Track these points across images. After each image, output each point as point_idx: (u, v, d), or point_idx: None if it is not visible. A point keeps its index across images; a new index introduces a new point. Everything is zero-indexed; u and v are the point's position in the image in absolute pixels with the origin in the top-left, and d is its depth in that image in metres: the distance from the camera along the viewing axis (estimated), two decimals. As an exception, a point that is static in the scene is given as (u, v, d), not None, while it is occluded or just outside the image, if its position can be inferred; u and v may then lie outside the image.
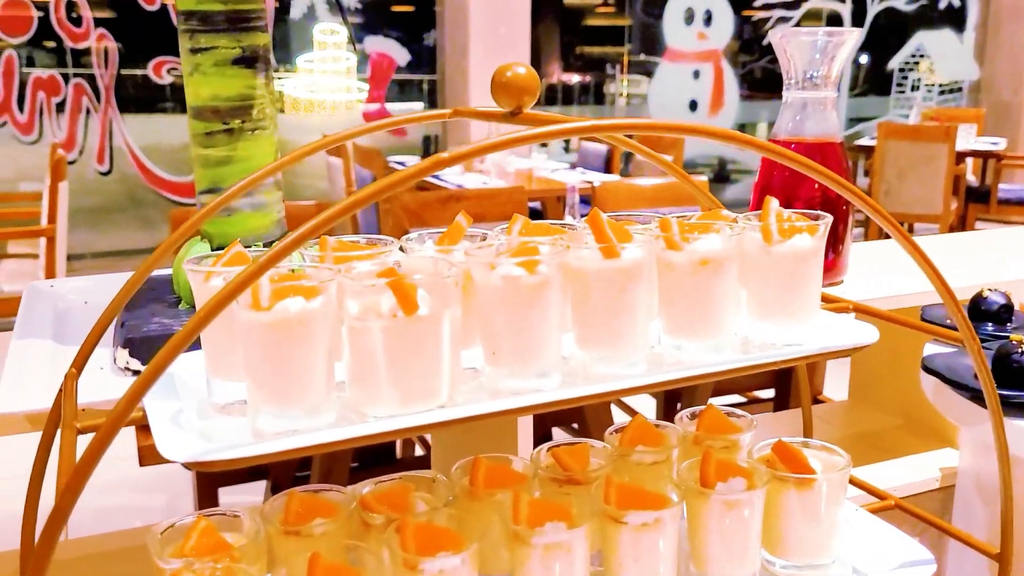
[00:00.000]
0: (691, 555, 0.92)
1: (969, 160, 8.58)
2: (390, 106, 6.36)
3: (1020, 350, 1.07)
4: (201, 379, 0.79)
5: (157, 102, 5.92)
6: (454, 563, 0.78)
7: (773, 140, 1.53)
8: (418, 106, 6.61)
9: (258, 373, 0.70)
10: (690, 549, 0.92)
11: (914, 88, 9.31)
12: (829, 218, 0.89)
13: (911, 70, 9.49)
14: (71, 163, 5.60)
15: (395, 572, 0.79)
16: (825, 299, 0.97)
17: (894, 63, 9.59)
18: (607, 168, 5.64)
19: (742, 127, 9.93)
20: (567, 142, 7.19)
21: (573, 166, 5.65)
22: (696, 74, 8.55)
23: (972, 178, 8.70)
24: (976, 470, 1.55)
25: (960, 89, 9.71)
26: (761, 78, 8.88)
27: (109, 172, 5.70)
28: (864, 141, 8.58)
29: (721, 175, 9.94)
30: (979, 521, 1.55)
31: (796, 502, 0.92)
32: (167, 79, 5.70)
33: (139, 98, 5.76)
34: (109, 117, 5.61)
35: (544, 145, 6.62)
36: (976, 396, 1.10)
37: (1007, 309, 1.28)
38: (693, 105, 8.66)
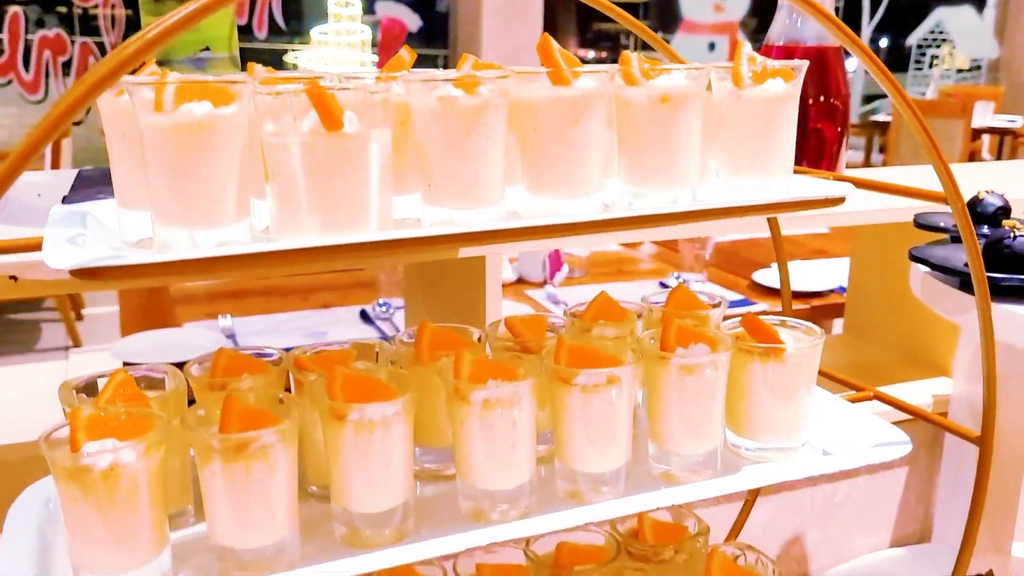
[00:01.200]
0: (648, 430, 0.86)
1: (985, 137, 8.45)
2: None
3: (1012, 235, 1.00)
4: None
5: (162, 63, 5.87)
6: (384, 412, 0.72)
7: (767, 45, 1.46)
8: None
9: (161, 188, 0.64)
10: (648, 424, 0.86)
11: (932, 65, 9.14)
12: (805, 63, 0.82)
13: (929, 47, 9.32)
14: (76, 124, 5.56)
15: (322, 423, 0.74)
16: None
17: (912, 40, 9.43)
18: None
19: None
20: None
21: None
22: (711, 46, 8.43)
23: (988, 156, 8.58)
24: (968, 396, 1.49)
25: (979, 67, 9.54)
26: (776, 52, 8.75)
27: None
28: (880, 117, 8.45)
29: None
30: (971, 445, 1.48)
31: (763, 376, 0.86)
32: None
33: (145, 60, 5.71)
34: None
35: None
36: (965, 283, 1.03)
37: (1004, 211, 1.20)
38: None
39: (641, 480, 0.84)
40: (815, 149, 1.39)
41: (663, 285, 3.61)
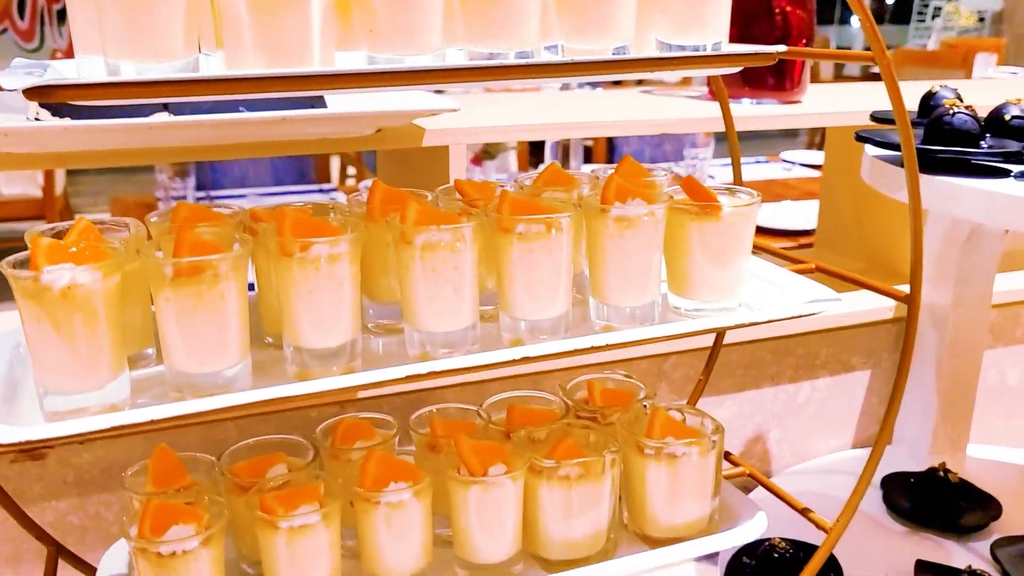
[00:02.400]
0: (590, 286, 0.90)
1: (988, 91, 8.32)
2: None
3: (952, 112, 1.03)
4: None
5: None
6: (331, 249, 0.77)
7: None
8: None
9: (112, 26, 0.68)
10: (589, 280, 0.90)
11: (935, 16, 9.06)
12: None
13: (933, -1, 9.23)
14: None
15: (272, 263, 0.78)
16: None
17: (916, -9, 9.34)
18: None
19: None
20: None
21: None
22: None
23: (989, 108, 8.44)
24: (929, 301, 1.53)
25: (983, 20, 9.45)
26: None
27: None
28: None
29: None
30: (929, 345, 1.53)
31: (700, 235, 0.90)
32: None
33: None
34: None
35: None
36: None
37: (960, 99, 1.24)
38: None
39: (582, 332, 0.88)
40: (781, 28, 1.41)
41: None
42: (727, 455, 1.12)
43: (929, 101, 1.25)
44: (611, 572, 0.91)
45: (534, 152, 4.56)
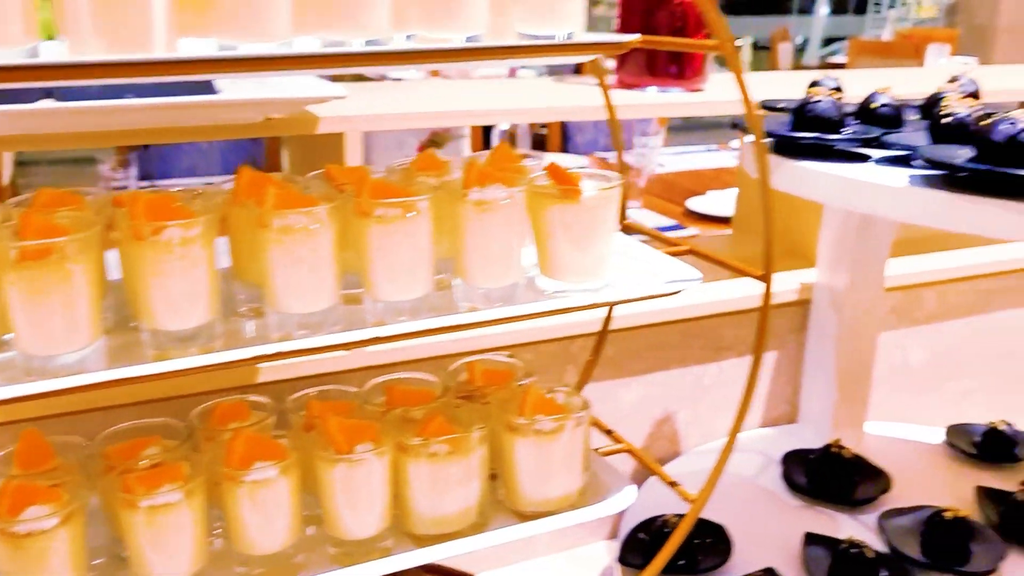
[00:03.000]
0: (454, 268, 0.92)
1: (941, 80, 8.45)
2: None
3: (816, 99, 1.07)
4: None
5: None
6: (184, 233, 0.78)
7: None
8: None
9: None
10: (453, 263, 0.92)
11: (891, 7, 9.19)
12: None
13: (889, -10, 9.36)
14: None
15: (129, 247, 0.80)
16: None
17: (873, -17, 9.46)
18: None
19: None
20: None
21: None
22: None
23: (942, 97, 8.56)
24: (829, 284, 1.57)
25: (937, 16, 9.58)
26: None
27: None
28: (838, 59, 8.49)
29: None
30: (832, 324, 1.57)
31: (562, 217, 0.92)
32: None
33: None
34: None
35: None
36: (777, 146, 1.10)
37: (838, 91, 1.27)
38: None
39: (448, 313, 0.91)
40: (680, 17, 1.44)
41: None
42: (610, 432, 1.15)
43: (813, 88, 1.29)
44: (478, 545, 0.94)
45: (487, 140, 4.59)
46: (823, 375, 1.61)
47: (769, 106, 1.27)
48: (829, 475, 1.46)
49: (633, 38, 0.88)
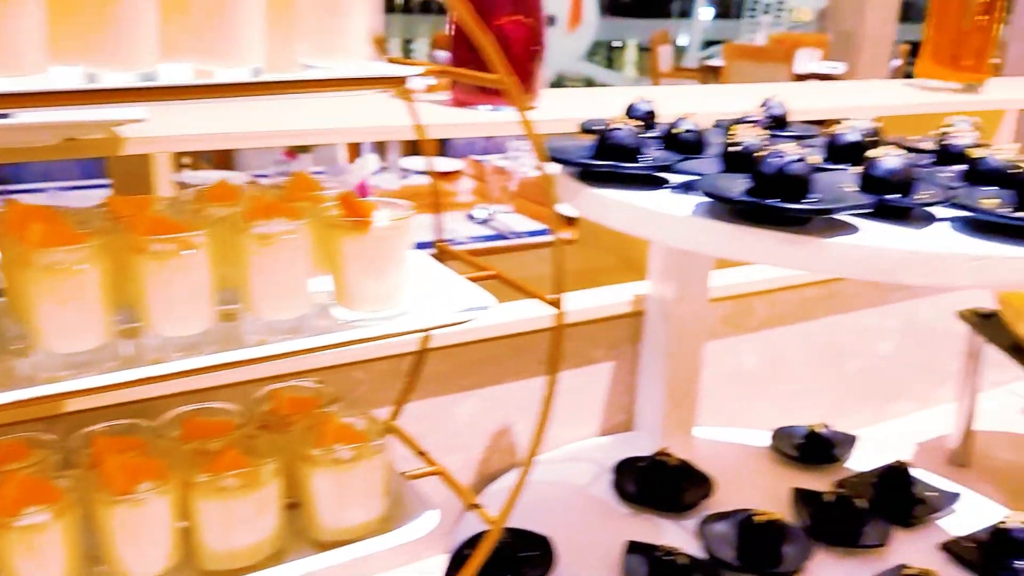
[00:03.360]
0: (240, 302, 0.91)
1: (813, 83, 8.87)
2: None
3: (614, 127, 1.10)
4: None
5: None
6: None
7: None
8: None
9: None
10: (239, 296, 0.91)
11: (766, 12, 9.53)
12: None
13: (764, -5, 9.71)
14: None
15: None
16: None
17: (748, -12, 9.80)
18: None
19: (604, 44, 9.92)
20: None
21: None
22: (554, -11, 8.47)
23: (813, 101, 8.95)
24: (659, 295, 1.62)
25: (811, 21, 10.01)
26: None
27: None
28: (715, 62, 8.75)
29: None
30: (662, 333, 1.63)
31: (353, 248, 0.93)
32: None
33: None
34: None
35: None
36: (582, 174, 1.13)
37: (652, 116, 1.32)
38: (551, 20, 8.61)
39: (237, 346, 0.89)
40: (502, 42, 1.46)
41: (471, 217, 3.69)
42: (423, 454, 1.16)
43: (630, 112, 1.33)
44: (272, 579, 0.93)
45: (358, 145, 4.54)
46: (655, 384, 1.67)
47: (588, 128, 1.30)
48: (656, 483, 1.51)
49: (415, 71, 0.88)
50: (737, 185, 0.99)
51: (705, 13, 10.92)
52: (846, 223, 0.97)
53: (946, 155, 1.23)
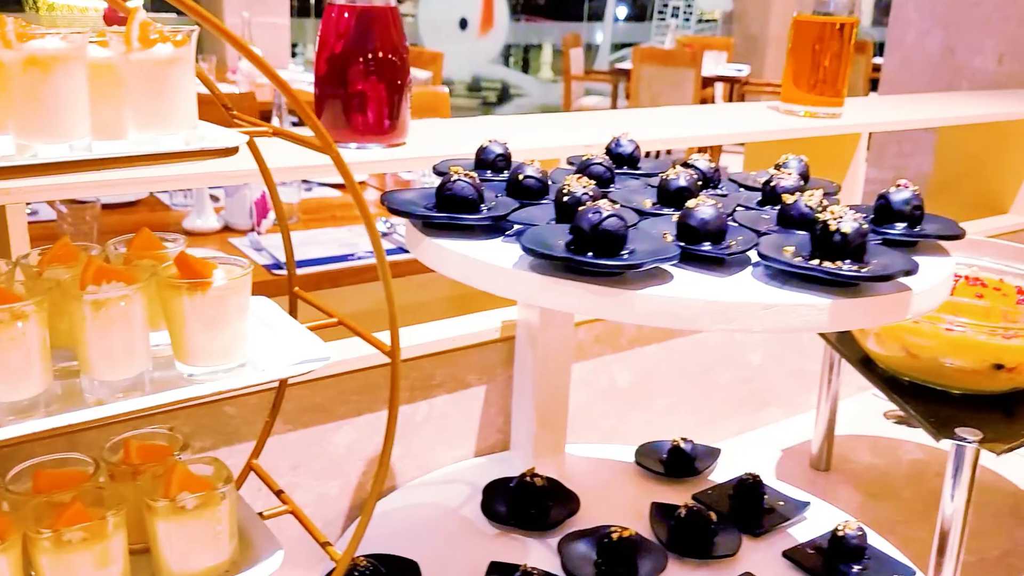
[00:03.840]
0: (79, 365, 0.95)
1: (719, 85, 9.12)
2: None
3: (453, 179, 1.16)
4: None
5: None
6: None
7: (330, 3, 1.56)
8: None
9: None
10: (76, 353, 0.95)
11: (674, 15, 9.77)
12: (196, 29, 0.92)
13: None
14: None
15: None
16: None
17: (657, -9, 10.02)
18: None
19: (514, 48, 10.01)
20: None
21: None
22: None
23: (721, 102, 9.29)
24: (526, 320, 1.70)
25: (717, 20, 10.30)
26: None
27: None
28: (625, 65, 8.94)
29: (504, 95, 10.13)
30: (529, 361, 1.70)
31: (192, 307, 0.97)
32: None
33: None
34: None
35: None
36: (425, 223, 1.19)
37: (504, 158, 1.38)
38: (463, 23, 8.67)
39: (72, 407, 0.93)
40: (359, 108, 1.51)
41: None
42: (279, 494, 1.21)
43: (481, 155, 1.39)
44: (114, 630, 0.97)
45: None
46: (526, 405, 1.74)
47: (439, 171, 1.36)
48: (523, 502, 1.58)
49: (233, 145, 0.92)
50: (560, 238, 1.06)
51: (619, 13, 11.13)
52: (664, 272, 1.05)
53: (772, 196, 1.33)
